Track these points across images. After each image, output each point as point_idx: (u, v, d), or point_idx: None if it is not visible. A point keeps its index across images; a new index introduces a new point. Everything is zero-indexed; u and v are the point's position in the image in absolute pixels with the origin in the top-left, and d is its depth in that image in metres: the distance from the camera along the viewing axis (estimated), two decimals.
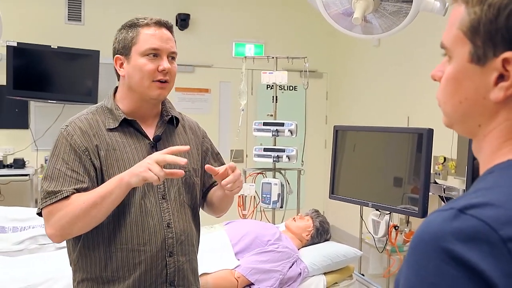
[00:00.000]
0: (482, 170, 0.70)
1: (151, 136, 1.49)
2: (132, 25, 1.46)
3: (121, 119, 1.45)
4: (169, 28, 1.50)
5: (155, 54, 1.43)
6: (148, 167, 1.28)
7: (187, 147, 1.37)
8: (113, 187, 1.32)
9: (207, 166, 1.47)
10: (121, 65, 1.47)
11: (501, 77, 0.64)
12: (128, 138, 1.46)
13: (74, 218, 1.33)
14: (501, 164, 0.66)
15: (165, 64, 1.43)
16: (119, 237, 1.41)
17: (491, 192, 0.60)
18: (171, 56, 1.48)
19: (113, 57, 1.49)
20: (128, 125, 1.47)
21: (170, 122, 1.56)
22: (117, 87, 1.54)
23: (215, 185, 1.65)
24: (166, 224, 1.45)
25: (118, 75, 1.50)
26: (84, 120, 1.45)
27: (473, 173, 1.82)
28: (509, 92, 0.64)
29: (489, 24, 0.64)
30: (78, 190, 1.36)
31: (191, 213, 1.55)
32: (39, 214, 1.40)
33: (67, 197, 1.35)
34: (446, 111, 0.73)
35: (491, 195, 0.60)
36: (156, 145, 1.48)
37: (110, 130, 1.45)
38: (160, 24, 1.46)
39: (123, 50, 1.46)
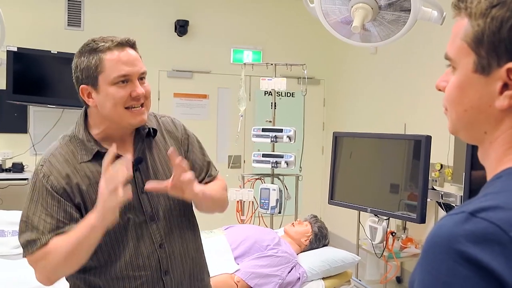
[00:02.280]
0: (489, 175, 0.72)
1: (129, 156, 1.39)
2: (92, 51, 1.33)
3: (94, 152, 1.38)
4: (132, 45, 1.38)
5: (125, 80, 1.33)
6: (109, 207, 1.24)
7: (113, 149, 1.29)
8: (88, 233, 1.27)
9: (171, 150, 1.36)
10: (89, 95, 1.36)
11: (505, 86, 0.67)
12: None
13: (58, 265, 1.30)
14: (508, 169, 0.68)
15: (138, 90, 1.34)
16: (114, 266, 1.38)
17: (500, 196, 0.63)
18: (141, 77, 1.38)
19: (78, 87, 1.38)
20: (105, 153, 1.35)
21: (148, 134, 1.47)
22: (85, 112, 1.44)
23: (207, 182, 1.59)
24: (158, 245, 1.42)
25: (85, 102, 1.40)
26: (59, 156, 1.37)
27: (470, 180, 1.85)
28: None
29: (493, 36, 0.67)
30: (57, 235, 1.31)
31: (185, 223, 1.50)
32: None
33: (46, 243, 1.30)
34: (452, 118, 0.76)
35: (500, 198, 0.62)
36: (138, 168, 1.42)
37: (87, 162, 1.38)
38: (122, 45, 1.35)
39: (88, 80, 1.35)
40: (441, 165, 3.98)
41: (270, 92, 3.93)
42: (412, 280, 0.65)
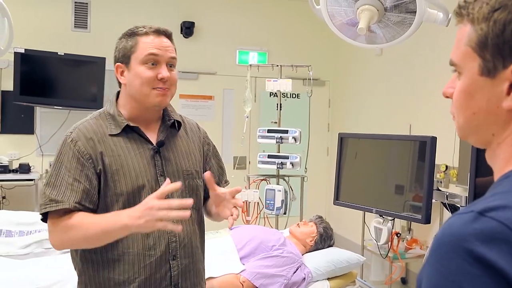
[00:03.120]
0: (496, 176, 0.73)
1: (154, 141, 1.51)
2: (132, 34, 1.48)
3: (123, 126, 1.48)
4: (168, 36, 1.51)
5: (154, 62, 1.45)
6: (155, 218, 1.28)
7: (178, 185, 1.34)
8: (116, 229, 1.34)
9: (206, 174, 1.47)
10: (122, 73, 1.50)
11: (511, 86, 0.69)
12: (132, 143, 1.48)
13: (75, 241, 1.39)
14: None
15: (164, 72, 1.45)
16: (125, 243, 1.43)
17: (508, 196, 0.64)
18: (170, 64, 1.49)
19: (114, 65, 1.52)
20: (131, 131, 1.49)
21: (172, 126, 1.58)
22: (118, 92, 1.56)
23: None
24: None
25: (119, 83, 1.53)
26: (88, 126, 1.48)
27: (475, 182, 1.86)
28: None
29: (497, 38, 0.68)
30: (79, 203, 1.38)
31: (195, 215, 1.57)
32: (43, 219, 1.43)
33: (69, 212, 1.38)
34: (460, 123, 0.76)
35: (508, 198, 0.64)
36: (159, 150, 1.51)
37: (114, 135, 1.47)
38: (159, 32, 1.48)
39: (123, 58, 1.48)
40: (446, 166, 3.98)
41: (275, 93, 3.94)
42: (420, 278, 0.66)
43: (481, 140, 0.76)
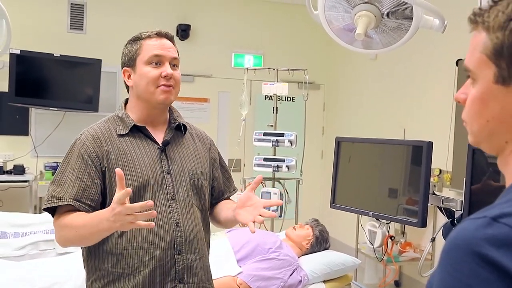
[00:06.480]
0: (508, 182, 0.74)
1: (160, 141, 1.57)
2: (136, 39, 1.58)
3: (131, 126, 1.55)
4: (170, 38, 1.60)
5: (157, 62, 1.53)
6: (127, 222, 1.29)
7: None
8: (100, 231, 1.38)
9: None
10: (129, 76, 1.58)
11: None
12: (138, 143, 1.55)
13: (71, 240, 1.48)
14: None
15: (167, 70, 1.53)
16: (130, 236, 1.48)
17: None
18: (173, 64, 1.57)
19: (122, 71, 1.60)
20: (138, 131, 1.56)
21: (179, 130, 1.64)
22: (127, 99, 1.64)
23: (225, 198, 1.73)
24: (175, 223, 1.51)
25: (128, 88, 1.61)
26: (96, 128, 1.56)
27: (471, 186, 1.88)
28: None
29: None
30: (77, 199, 1.44)
31: (200, 214, 1.61)
32: (46, 211, 1.49)
33: (68, 210, 1.45)
34: (473, 130, 0.77)
35: None
36: (165, 149, 1.57)
37: (121, 136, 1.54)
38: (161, 35, 1.57)
39: (129, 62, 1.57)
40: (440, 170, 4.01)
41: (271, 96, 3.96)
42: (431, 282, 0.66)
43: (494, 147, 0.76)
